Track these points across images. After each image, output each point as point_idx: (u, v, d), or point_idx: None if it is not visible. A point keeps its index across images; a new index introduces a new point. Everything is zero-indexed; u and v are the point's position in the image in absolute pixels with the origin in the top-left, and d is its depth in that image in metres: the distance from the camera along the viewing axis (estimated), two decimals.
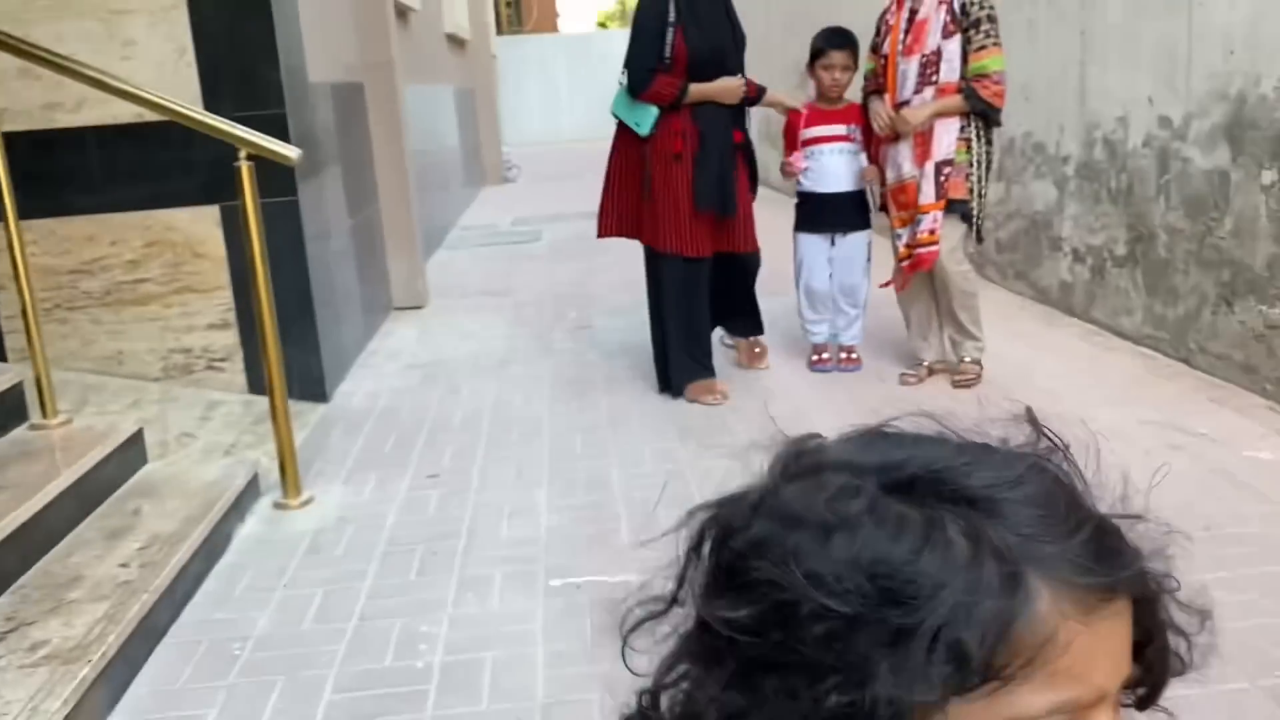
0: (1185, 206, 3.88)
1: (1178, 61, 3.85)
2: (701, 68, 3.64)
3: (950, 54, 3.52)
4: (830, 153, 3.92)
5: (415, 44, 8.24)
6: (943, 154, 3.55)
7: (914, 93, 3.56)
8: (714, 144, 3.66)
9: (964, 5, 3.54)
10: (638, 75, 3.64)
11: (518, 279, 6.94)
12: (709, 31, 3.65)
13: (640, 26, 3.68)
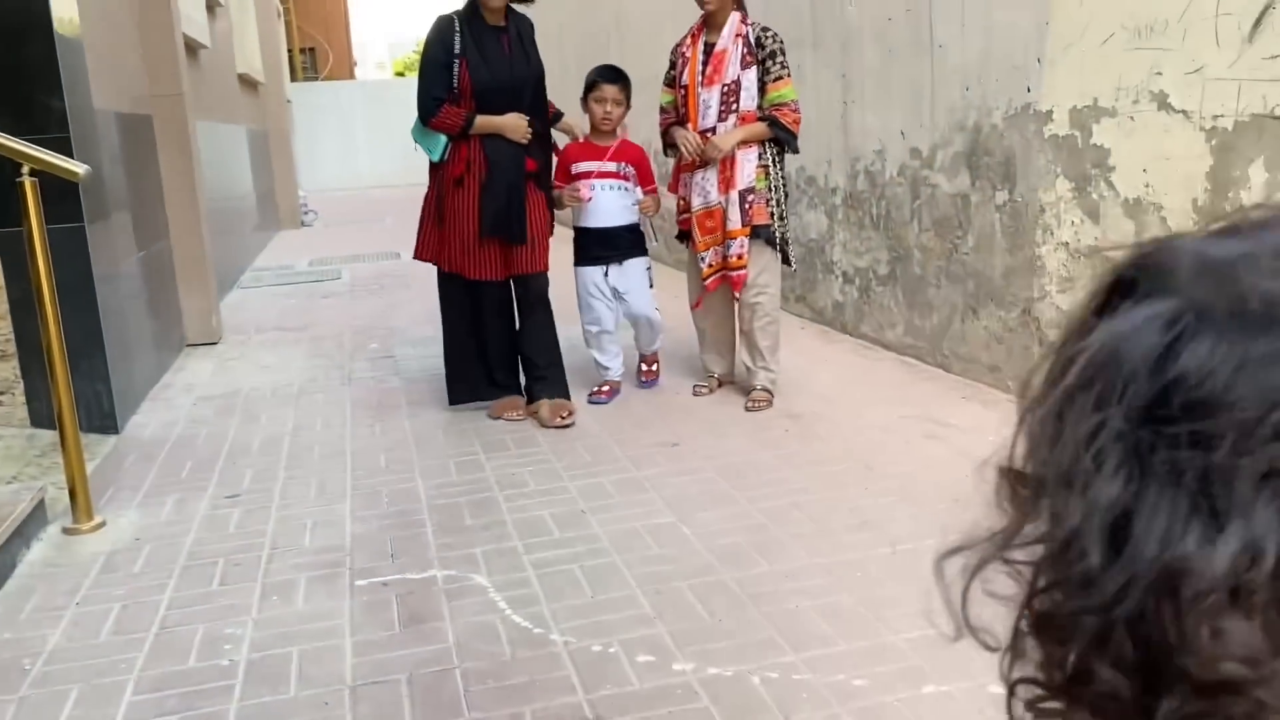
0: (935, 227, 4.33)
1: (923, 99, 4.32)
2: (489, 99, 3.73)
3: (748, 84, 3.76)
4: (600, 188, 4.03)
5: (206, 81, 8.09)
6: (745, 182, 3.80)
7: (717, 120, 3.79)
8: (502, 172, 3.76)
9: (758, 38, 3.79)
10: (425, 104, 3.75)
11: (317, 315, 6.88)
12: (495, 65, 3.75)
13: (427, 58, 3.78)
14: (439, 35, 3.75)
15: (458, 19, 3.77)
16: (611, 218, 4.05)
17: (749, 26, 3.80)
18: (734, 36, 3.78)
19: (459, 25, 3.74)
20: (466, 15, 3.78)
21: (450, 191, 3.82)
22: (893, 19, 4.48)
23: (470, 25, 3.75)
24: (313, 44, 27.31)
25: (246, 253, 10.01)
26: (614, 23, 8.73)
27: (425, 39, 3.82)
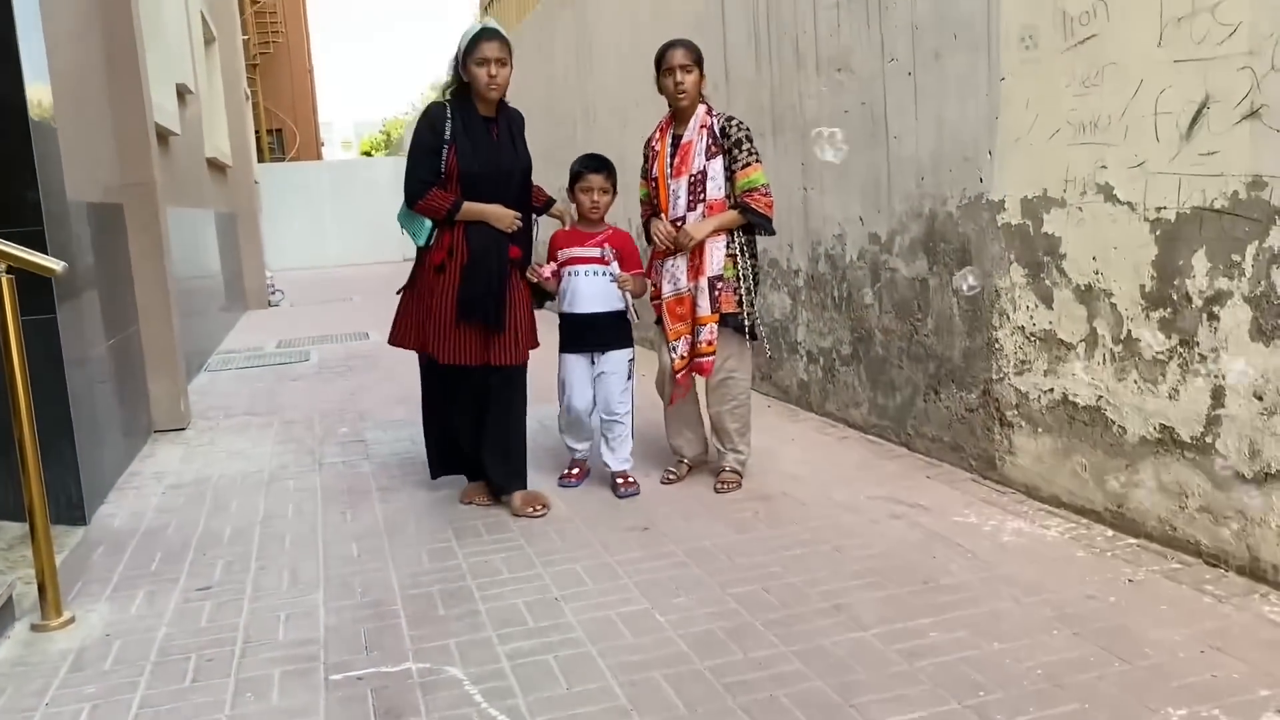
0: (896, 310, 4.45)
1: (880, 187, 4.47)
2: (476, 186, 3.77)
3: (715, 173, 3.85)
4: (585, 274, 4.02)
5: (175, 167, 8.17)
6: (714, 269, 3.88)
7: (687, 210, 3.89)
8: (484, 259, 3.80)
9: (723, 128, 3.89)
10: (412, 187, 3.78)
11: (285, 398, 6.89)
12: (483, 152, 3.78)
13: (417, 141, 3.80)
14: (430, 120, 3.79)
15: (449, 106, 3.81)
16: (595, 303, 4.03)
17: (714, 118, 3.93)
18: (699, 128, 3.90)
19: (450, 112, 3.79)
20: (458, 103, 3.82)
21: (431, 277, 3.86)
22: (849, 111, 4.65)
23: (462, 112, 3.79)
24: (280, 125, 27.58)
25: (214, 334, 10.00)
26: (581, 111, 8.93)
27: (416, 123, 3.88)
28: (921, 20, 4.07)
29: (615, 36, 7.81)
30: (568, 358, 4.13)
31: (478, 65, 3.74)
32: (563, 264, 4.05)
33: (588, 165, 4.03)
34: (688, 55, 3.91)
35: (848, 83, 4.64)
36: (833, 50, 4.73)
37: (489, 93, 3.77)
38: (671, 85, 3.91)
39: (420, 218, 3.83)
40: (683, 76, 3.89)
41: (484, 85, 3.75)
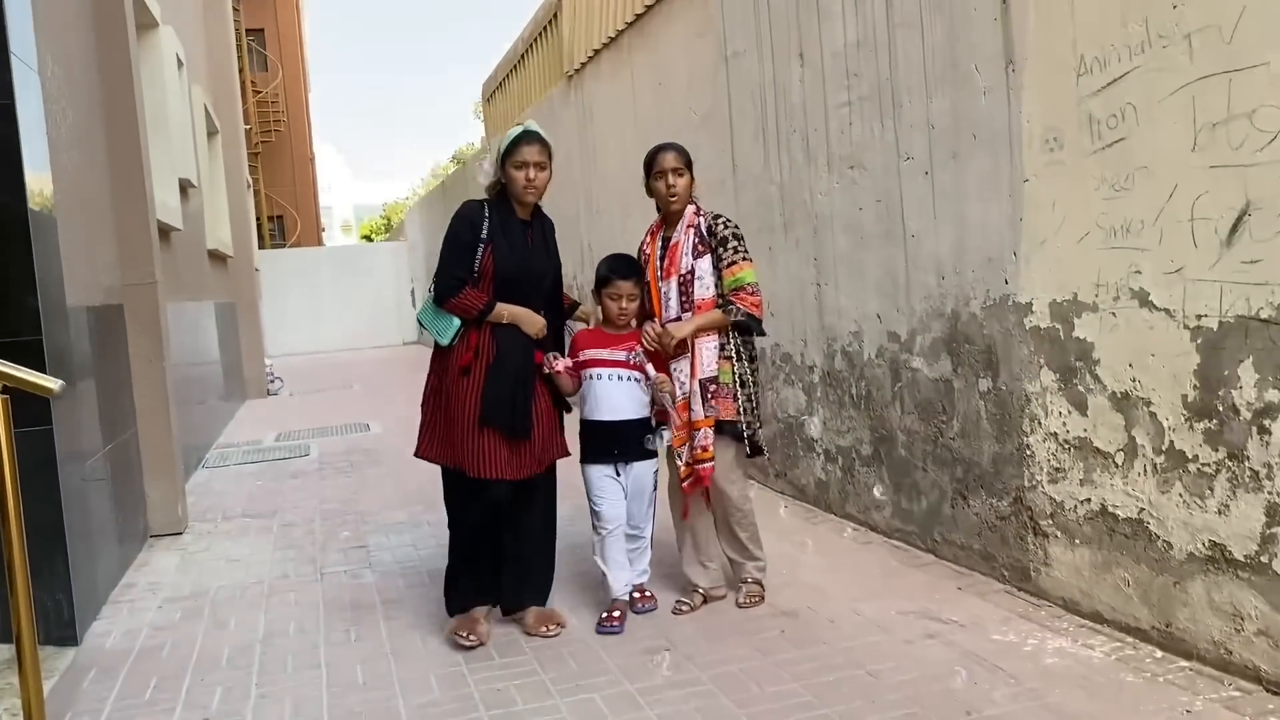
0: (919, 411, 4.32)
1: (898, 285, 4.37)
2: (510, 287, 3.67)
3: (702, 271, 3.75)
4: (610, 378, 3.79)
5: (177, 262, 8.11)
6: (706, 372, 3.75)
7: (680, 311, 3.77)
8: (511, 362, 3.64)
9: (709, 227, 3.80)
10: (445, 283, 3.65)
11: (286, 497, 6.71)
12: (519, 253, 3.71)
13: (453, 237, 3.70)
14: (468, 218, 3.71)
15: (487, 205, 3.75)
16: (620, 411, 3.80)
17: (701, 217, 3.85)
18: (686, 228, 3.83)
19: (488, 211, 3.73)
20: (496, 203, 3.77)
21: (455, 380, 3.67)
22: (863, 209, 4.58)
23: (499, 212, 3.73)
24: (281, 212, 27.77)
25: (213, 427, 9.86)
26: (584, 201, 8.92)
27: (452, 221, 3.75)
28: (938, 120, 4.01)
29: (619, 127, 7.81)
30: (592, 471, 3.85)
31: (516, 168, 3.69)
32: (585, 364, 3.84)
33: (616, 270, 3.85)
34: (678, 159, 3.86)
35: (861, 180, 4.58)
36: (845, 148, 4.68)
37: (526, 196, 3.73)
38: (663, 188, 3.85)
39: (448, 316, 3.68)
40: (674, 180, 3.83)
41: (521, 188, 3.71)
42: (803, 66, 4.99)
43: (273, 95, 27.26)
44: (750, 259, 3.82)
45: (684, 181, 3.83)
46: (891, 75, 4.28)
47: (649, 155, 3.92)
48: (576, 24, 8.57)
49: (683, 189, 3.83)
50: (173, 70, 8.31)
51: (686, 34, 6.33)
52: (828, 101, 4.79)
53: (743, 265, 3.77)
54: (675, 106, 6.62)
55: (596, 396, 3.83)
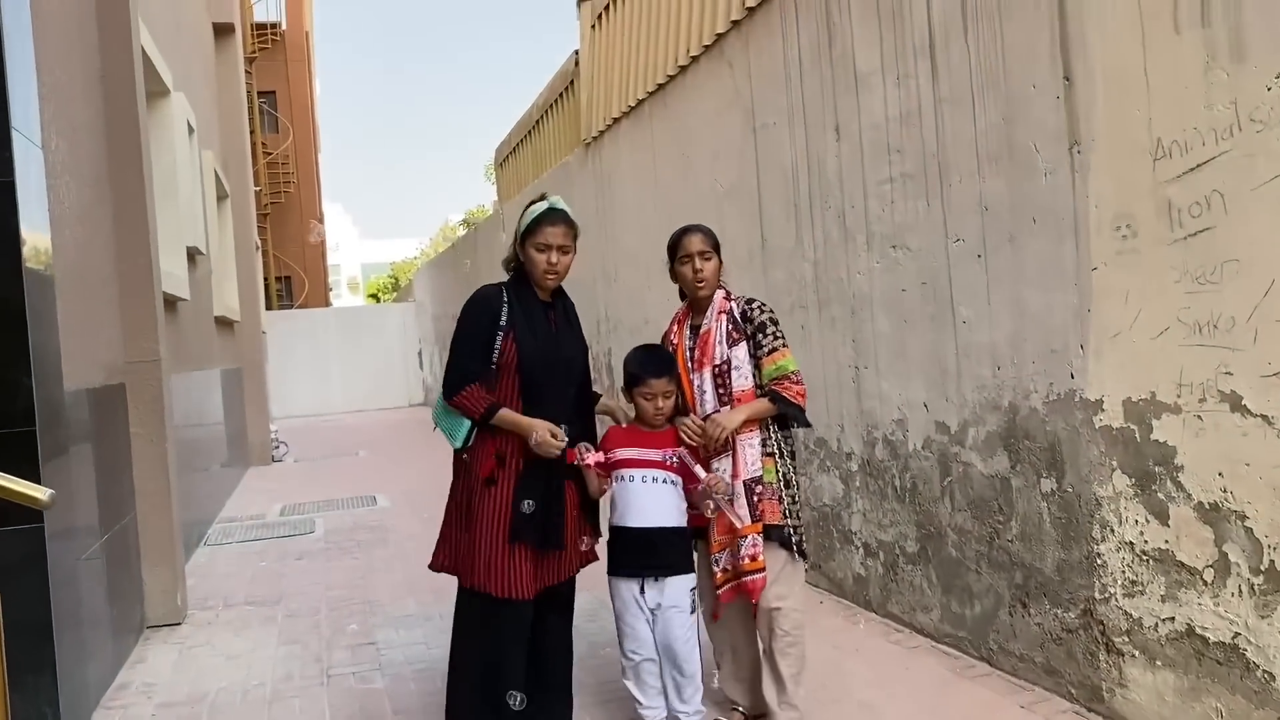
0: (971, 508, 4.04)
1: (948, 373, 4.11)
2: (537, 377, 3.34)
3: (739, 360, 3.45)
4: (643, 480, 3.43)
5: (183, 333, 7.89)
6: (750, 471, 3.43)
7: (717, 405, 3.46)
8: (543, 470, 3.31)
9: (744, 312, 3.50)
10: (452, 377, 3.34)
11: (290, 581, 6.41)
12: (544, 339, 3.39)
13: (468, 327, 3.36)
14: (485, 303, 3.38)
15: (505, 289, 3.42)
16: (652, 516, 3.41)
17: (733, 302, 3.56)
18: (717, 314, 3.52)
19: (507, 295, 3.40)
20: (515, 286, 3.44)
21: (480, 491, 3.33)
22: (907, 290, 4.34)
23: (519, 296, 3.41)
24: (289, 272, 27.70)
25: (216, 498, 9.57)
26: (600, 270, 8.71)
27: (465, 308, 3.40)
28: (992, 202, 3.78)
29: (638, 197, 7.63)
30: (620, 583, 3.49)
31: (538, 250, 3.39)
32: (615, 464, 3.49)
33: (647, 368, 3.48)
34: (705, 241, 3.56)
35: (905, 260, 4.34)
36: (887, 226, 4.45)
37: (546, 281, 3.43)
38: (689, 274, 3.55)
39: (458, 415, 3.38)
40: (701, 264, 3.53)
41: (541, 273, 3.41)
42: (839, 140, 4.78)
43: (283, 156, 27.34)
44: (788, 345, 3.53)
45: (712, 266, 3.55)
46: (939, 153, 4.07)
47: (673, 238, 3.63)
48: (595, 92, 8.43)
49: (711, 274, 3.55)
50: (183, 137, 8.17)
51: (712, 105, 6.15)
52: (867, 177, 4.57)
53: (783, 352, 3.48)
54: (699, 178, 6.43)
55: (627, 500, 3.46)
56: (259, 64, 26.27)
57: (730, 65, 5.85)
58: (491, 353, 3.34)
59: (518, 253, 3.47)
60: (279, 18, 27.75)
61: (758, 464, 3.45)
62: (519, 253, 3.46)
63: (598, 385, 9.05)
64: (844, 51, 4.68)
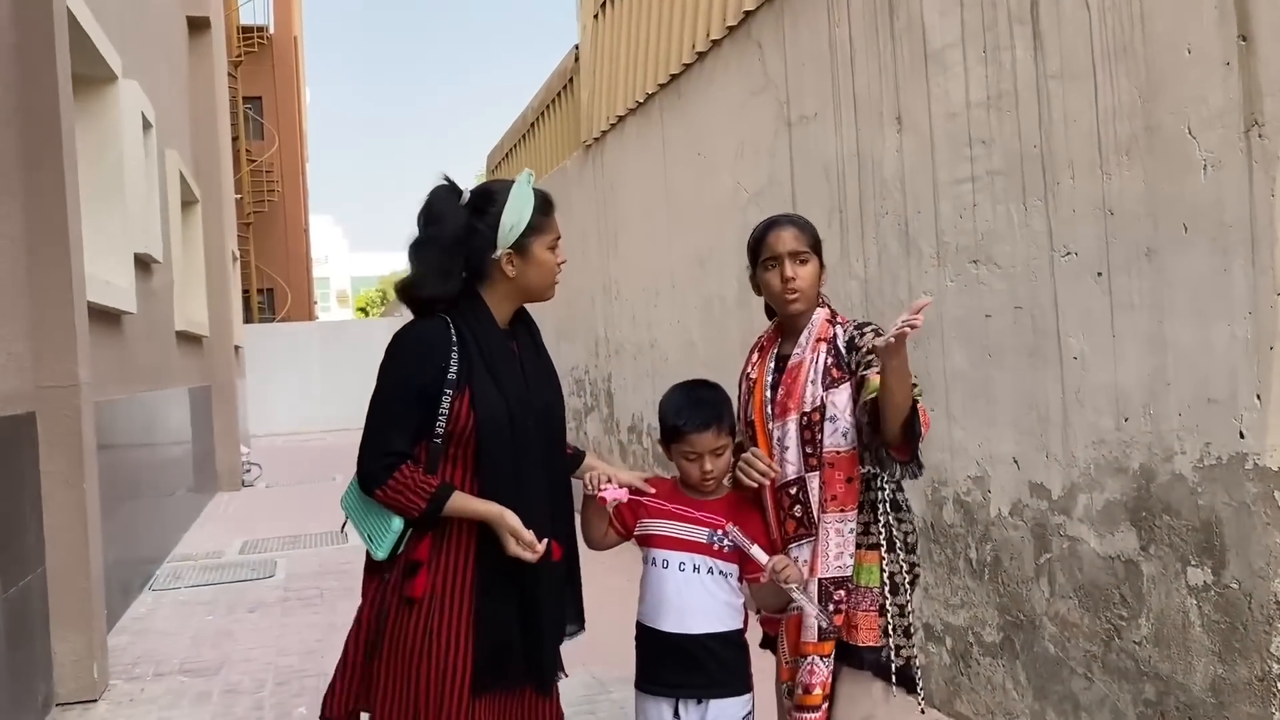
0: (1080, 596, 3.16)
1: (1050, 421, 3.25)
2: (506, 443, 2.33)
3: (837, 409, 2.44)
4: (683, 568, 2.50)
5: (129, 350, 7.00)
6: (833, 566, 2.42)
7: (803, 470, 2.45)
8: (511, 578, 2.33)
9: (851, 340, 2.51)
10: (371, 460, 2.30)
11: (236, 643, 5.50)
12: (513, 386, 2.37)
13: (397, 378, 2.34)
14: (425, 350, 2.34)
15: (452, 324, 2.36)
16: (696, 619, 2.50)
17: (839, 327, 2.56)
18: (815, 343, 2.52)
19: (456, 332, 2.36)
20: (465, 315, 2.39)
21: (416, 621, 2.30)
22: (993, 316, 3.47)
23: (473, 329, 2.37)
24: (272, 284, 26.77)
25: (172, 532, 8.67)
26: (600, 285, 7.85)
27: (393, 350, 2.38)
28: (1121, 204, 2.93)
29: (646, 204, 6.76)
30: (647, 705, 2.57)
31: (549, 250, 2.46)
32: (647, 540, 2.58)
33: (691, 420, 2.50)
34: (800, 237, 2.56)
35: (990, 278, 3.48)
36: (964, 236, 3.59)
37: (548, 293, 2.51)
38: (777, 283, 2.54)
39: (382, 510, 2.34)
40: (794, 270, 2.52)
41: (550, 283, 2.50)
42: (900, 132, 3.92)
43: (268, 164, 26.44)
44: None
45: (809, 272, 2.55)
46: (1043, 143, 3.21)
47: (756, 234, 2.63)
48: (597, 88, 7.58)
49: (807, 282, 2.54)
50: (135, 131, 7.29)
51: (736, 95, 5.30)
52: (939, 176, 3.71)
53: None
54: (719, 181, 5.57)
55: (661, 593, 2.53)
56: (245, 68, 25.42)
57: (760, 47, 5.00)
58: (435, 420, 2.33)
59: (486, 256, 2.39)
60: (266, 21, 26.93)
61: (847, 558, 2.45)
62: (508, 262, 2.40)
63: (596, 417, 8.17)
64: (911, 24, 3.83)
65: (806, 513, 2.48)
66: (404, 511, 2.31)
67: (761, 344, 2.71)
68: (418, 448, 2.35)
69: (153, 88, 8.37)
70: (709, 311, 5.79)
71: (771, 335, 2.70)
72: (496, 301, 2.45)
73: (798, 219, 2.65)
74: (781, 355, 2.61)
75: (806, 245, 2.57)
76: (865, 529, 2.49)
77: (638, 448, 7.19)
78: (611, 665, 3.58)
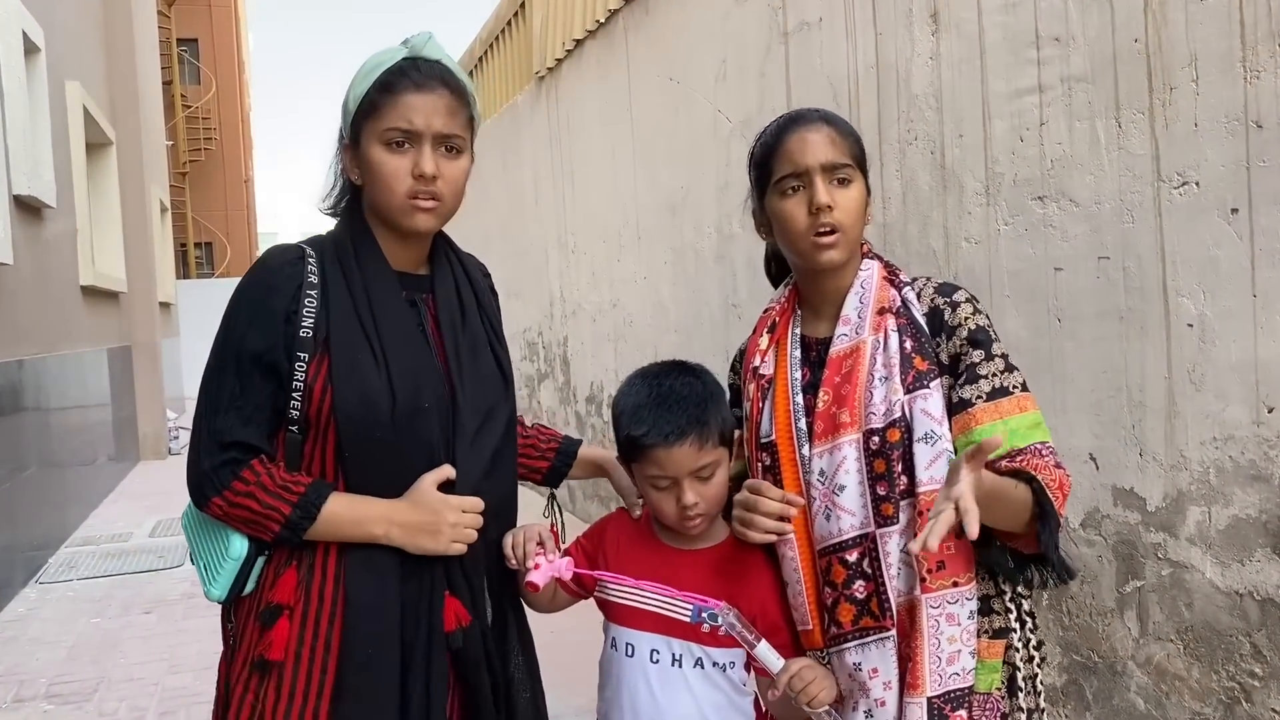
0: (1186, 640, 2.39)
1: (1149, 408, 2.46)
2: (383, 451, 1.59)
3: (934, 419, 1.57)
4: (652, 656, 1.66)
5: (8, 307, 6.04)
6: (949, 679, 1.54)
7: (871, 524, 1.58)
8: (388, 633, 1.57)
9: (934, 309, 1.64)
10: (204, 456, 1.57)
11: (121, 655, 4.64)
12: (405, 360, 1.60)
13: (226, 336, 1.60)
14: (263, 290, 1.60)
15: (313, 253, 1.64)
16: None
17: (907, 289, 1.68)
18: (874, 316, 1.64)
19: (317, 265, 1.62)
20: (341, 247, 1.65)
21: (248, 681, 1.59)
22: (1065, 269, 2.66)
23: (345, 266, 1.63)
24: (210, 239, 25.48)
25: (75, 509, 7.75)
26: (555, 238, 6.96)
27: (231, 304, 1.64)
28: (1272, 114, 2.12)
29: (608, 140, 5.88)
30: None
31: (389, 148, 1.60)
32: (610, 607, 1.73)
33: (661, 427, 1.63)
34: (840, 144, 1.66)
35: (1064, 220, 2.67)
36: (1028, 165, 2.77)
37: (401, 218, 1.62)
38: (803, 217, 1.62)
39: (221, 530, 1.61)
40: (830, 194, 1.61)
41: (387, 200, 1.61)
42: (936, 34, 3.08)
43: (204, 111, 25.00)
44: (1027, 386, 1.63)
45: (852, 198, 1.64)
46: (1148, 35, 2.38)
47: (767, 138, 1.72)
48: (552, 10, 6.65)
49: (851, 216, 1.64)
50: (15, 52, 6.27)
51: (717, 4, 4.42)
52: (989, 89, 2.88)
53: (1020, 400, 1.59)
54: (695, 109, 4.70)
55: (630, 689, 1.68)
56: (179, 7, 23.91)
57: None
58: (290, 399, 1.58)
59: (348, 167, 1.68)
60: None
61: (968, 658, 1.57)
62: (353, 165, 1.67)
63: (550, 384, 7.31)
64: None
65: (879, 593, 1.59)
66: (256, 527, 1.57)
67: (773, 321, 1.77)
68: (274, 440, 1.60)
69: (42, 8, 7.31)
70: (681, 266, 4.95)
71: (785, 307, 1.77)
72: (377, 226, 1.68)
73: (833, 116, 1.72)
74: (812, 339, 1.73)
75: (848, 156, 1.66)
76: (985, 606, 1.62)
77: (596, 420, 6.36)
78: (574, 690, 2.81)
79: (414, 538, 1.57)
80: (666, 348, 5.16)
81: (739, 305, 4.29)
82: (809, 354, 1.71)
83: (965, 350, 1.61)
